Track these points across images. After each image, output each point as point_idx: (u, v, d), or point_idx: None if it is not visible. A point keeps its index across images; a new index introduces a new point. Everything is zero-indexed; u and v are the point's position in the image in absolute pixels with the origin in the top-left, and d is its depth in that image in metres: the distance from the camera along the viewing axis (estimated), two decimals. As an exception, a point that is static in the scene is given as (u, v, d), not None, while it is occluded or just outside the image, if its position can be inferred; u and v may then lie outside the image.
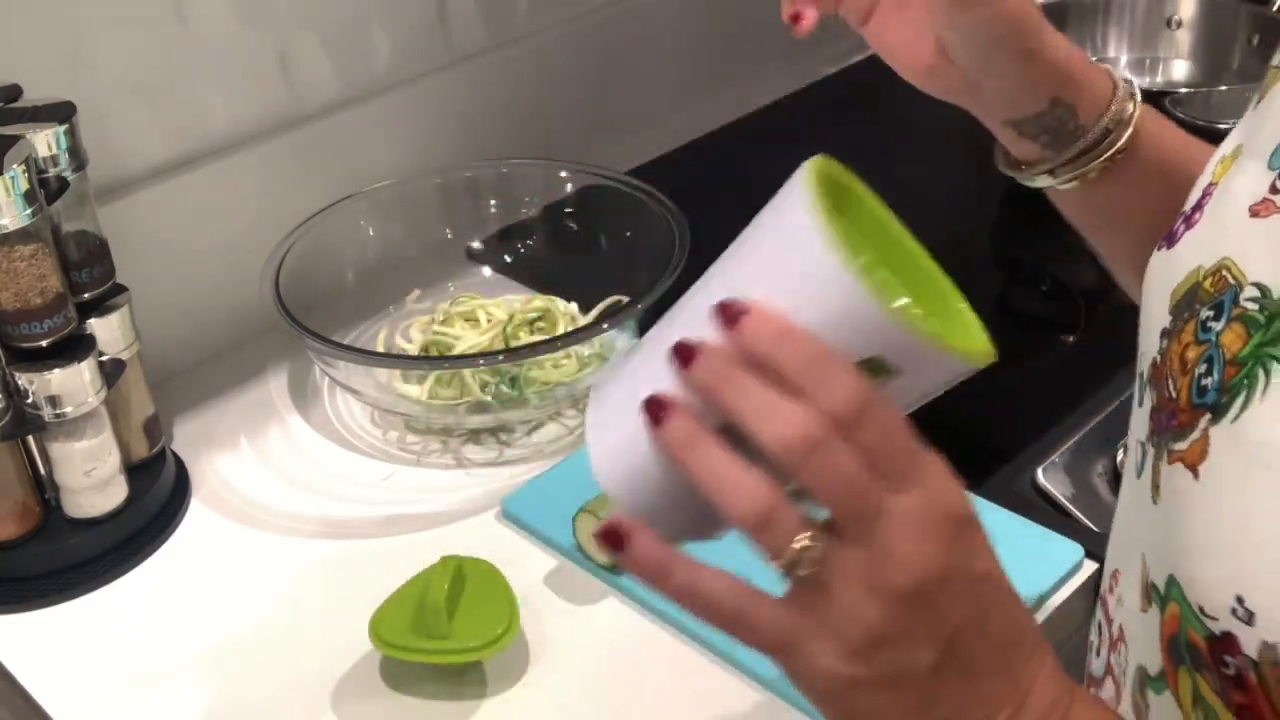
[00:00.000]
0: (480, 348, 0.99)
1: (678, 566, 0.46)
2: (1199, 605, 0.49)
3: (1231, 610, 0.48)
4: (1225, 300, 0.52)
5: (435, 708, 0.76)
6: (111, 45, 0.95)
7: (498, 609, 0.76)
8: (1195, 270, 0.55)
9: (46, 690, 0.79)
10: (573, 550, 0.85)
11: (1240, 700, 0.49)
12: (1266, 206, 0.52)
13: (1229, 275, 0.53)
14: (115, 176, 0.98)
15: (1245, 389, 0.49)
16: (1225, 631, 0.48)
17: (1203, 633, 0.50)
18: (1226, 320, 0.52)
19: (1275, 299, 0.50)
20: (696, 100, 1.39)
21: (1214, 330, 0.52)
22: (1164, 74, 1.36)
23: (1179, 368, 0.54)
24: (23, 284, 0.81)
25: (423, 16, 1.14)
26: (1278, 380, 0.48)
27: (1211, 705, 0.51)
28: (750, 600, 0.46)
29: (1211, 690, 0.50)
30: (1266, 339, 0.49)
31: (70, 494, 0.87)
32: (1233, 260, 0.53)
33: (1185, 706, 0.53)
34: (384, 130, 1.13)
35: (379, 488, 0.93)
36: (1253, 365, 0.50)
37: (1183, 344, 0.54)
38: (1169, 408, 0.54)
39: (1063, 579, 0.81)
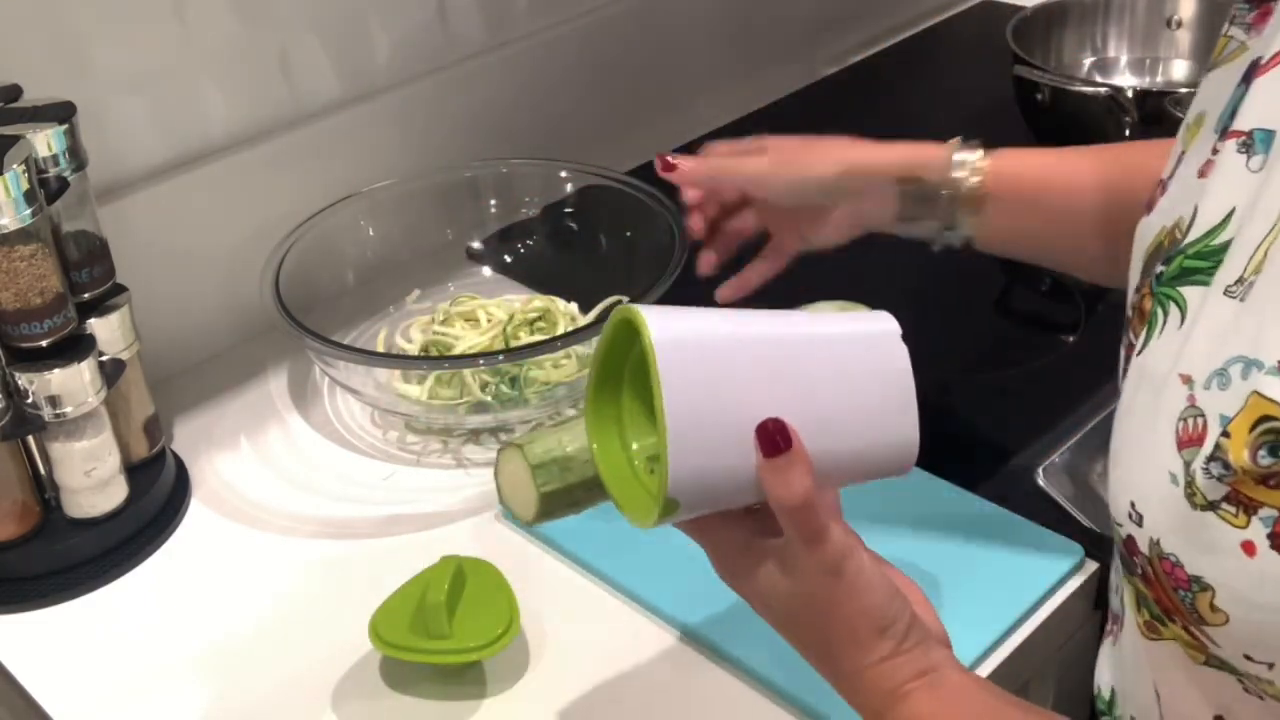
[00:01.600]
0: (480, 348, 0.99)
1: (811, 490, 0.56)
2: (1113, 515, 0.57)
3: (1128, 515, 0.55)
4: (1174, 254, 0.58)
5: (435, 708, 0.76)
6: (111, 45, 0.95)
7: (498, 609, 0.76)
8: (1160, 230, 0.61)
9: (46, 690, 0.79)
10: (572, 550, 0.85)
11: (1153, 594, 0.56)
12: (1208, 166, 0.58)
13: (1177, 231, 0.59)
14: (115, 176, 0.98)
15: (1148, 325, 0.58)
16: (1129, 534, 0.56)
17: (1119, 538, 0.57)
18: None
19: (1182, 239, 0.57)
20: (696, 101, 1.39)
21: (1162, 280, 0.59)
22: (1164, 74, 1.36)
23: (1139, 318, 0.61)
24: (23, 284, 0.81)
25: (423, 16, 1.14)
26: (1173, 319, 0.56)
27: (1150, 603, 0.58)
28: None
29: (1144, 588, 0.57)
30: (1168, 277, 0.57)
31: (70, 494, 0.87)
32: (1181, 218, 0.59)
33: (1134, 609, 0.62)
34: (384, 130, 1.13)
35: (379, 488, 0.93)
36: (1154, 304, 0.58)
37: (1142, 296, 0.61)
38: (1127, 353, 0.62)
39: (1063, 579, 0.81)
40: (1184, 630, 0.55)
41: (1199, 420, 0.52)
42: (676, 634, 0.79)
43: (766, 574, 0.59)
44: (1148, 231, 0.63)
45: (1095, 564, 0.82)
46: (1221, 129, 0.59)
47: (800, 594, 0.59)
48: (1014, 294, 1.11)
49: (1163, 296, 0.57)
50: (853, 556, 0.58)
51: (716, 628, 0.79)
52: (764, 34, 1.46)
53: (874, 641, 0.58)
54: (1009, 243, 0.85)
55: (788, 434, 0.56)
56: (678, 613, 0.80)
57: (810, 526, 0.56)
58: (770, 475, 0.56)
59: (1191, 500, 0.51)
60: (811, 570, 0.58)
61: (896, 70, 1.51)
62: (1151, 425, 0.54)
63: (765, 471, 0.56)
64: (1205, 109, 0.62)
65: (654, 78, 1.35)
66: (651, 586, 0.82)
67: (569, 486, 0.66)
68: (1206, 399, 0.51)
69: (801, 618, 0.60)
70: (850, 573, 0.57)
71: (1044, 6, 1.35)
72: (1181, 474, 0.52)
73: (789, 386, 0.57)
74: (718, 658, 0.78)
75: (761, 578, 0.60)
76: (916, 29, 1.59)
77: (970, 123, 0.85)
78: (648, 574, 0.82)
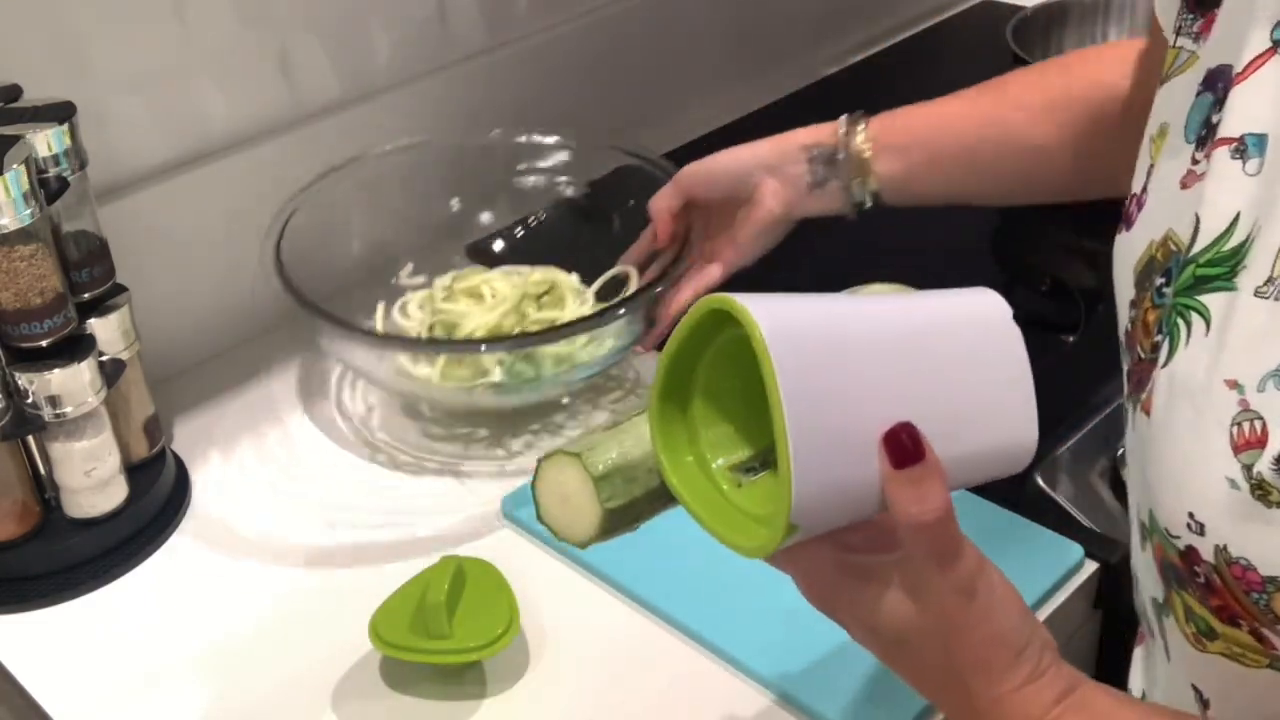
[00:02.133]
0: (489, 326, 0.96)
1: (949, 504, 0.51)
2: (1166, 528, 0.56)
3: (1187, 526, 0.54)
4: (1172, 266, 0.59)
5: (435, 708, 0.76)
6: (111, 45, 0.95)
7: (498, 609, 0.76)
8: (1149, 244, 0.62)
9: (46, 690, 0.79)
10: (572, 550, 0.84)
11: (1215, 602, 0.55)
12: (1190, 177, 0.59)
13: (1172, 244, 0.59)
14: (115, 176, 0.98)
15: (1170, 337, 0.57)
16: (1188, 546, 0.55)
17: (1175, 552, 0.56)
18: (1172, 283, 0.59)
19: (1185, 250, 0.57)
20: (696, 101, 1.39)
21: (1167, 294, 0.59)
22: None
23: (1143, 332, 0.61)
24: (23, 284, 0.81)
25: (423, 16, 1.14)
26: (1198, 328, 0.55)
27: (1200, 615, 0.57)
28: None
29: (1196, 601, 0.57)
30: (1179, 288, 0.57)
31: (70, 494, 0.87)
32: (1173, 230, 0.59)
33: (1181, 622, 0.60)
34: (384, 130, 1.13)
35: (379, 488, 0.93)
36: (1173, 315, 0.57)
37: (1144, 310, 0.61)
38: (1139, 367, 0.62)
39: (1063, 579, 0.81)
40: (1250, 634, 0.55)
41: (1257, 423, 0.51)
42: (677, 634, 0.79)
43: (878, 596, 0.53)
44: (1133, 246, 0.63)
45: (1095, 564, 0.82)
46: (1197, 139, 0.59)
47: (925, 620, 0.53)
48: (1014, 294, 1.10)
49: (1181, 307, 0.56)
50: (984, 574, 0.53)
51: (717, 628, 0.79)
52: (764, 34, 1.46)
53: (1011, 667, 0.53)
54: (912, 186, 0.90)
55: (920, 442, 0.50)
56: (678, 613, 0.80)
57: (945, 545, 0.51)
58: (900, 489, 0.50)
59: (1266, 500, 0.51)
60: (943, 592, 0.52)
61: (896, 70, 1.51)
62: (1198, 434, 0.53)
63: (894, 484, 0.50)
64: (1167, 120, 0.62)
65: (654, 78, 1.35)
66: (652, 586, 0.82)
67: (634, 501, 0.57)
68: (1262, 401, 0.51)
69: (924, 646, 0.54)
70: (983, 593, 0.52)
71: (1044, 6, 1.35)
72: (1242, 477, 0.51)
73: (913, 382, 0.51)
74: (718, 658, 0.78)
75: (870, 601, 0.53)
76: (916, 29, 1.59)
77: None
78: (648, 574, 0.82)
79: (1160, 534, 0.57)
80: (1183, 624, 0.60)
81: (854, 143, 0.89)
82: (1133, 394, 0.63)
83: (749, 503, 0.52)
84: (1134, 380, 0.63)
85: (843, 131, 0.90)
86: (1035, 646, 0.53)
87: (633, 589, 0.82)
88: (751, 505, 0.52)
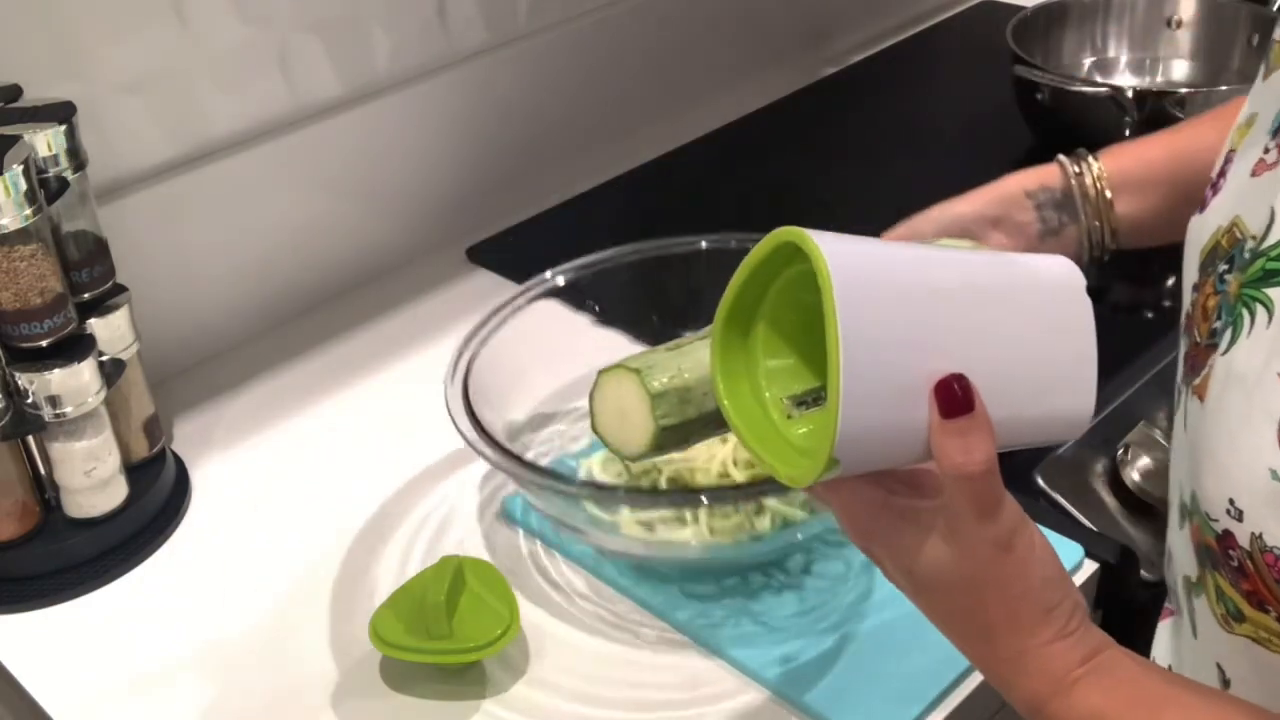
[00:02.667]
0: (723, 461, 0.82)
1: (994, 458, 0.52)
2: (1206, 511, 0.57)
3: (1226, 511, 0.55)
4: (1235, 254, 0.59)
5: (435, 708, 0.76)
6: (111, 45, 0.95)
7: (498, 609, 0.76)
8: (1217, 230, 0.62)
9: (46, 690, 0.79)
10: (573, 550, 0.84)
11: (1247, 587, 0.56)
12: (1260, 166, 0.60)
13: (1237, 231, 0.60)
14: (115, 176, 0.98)
15: (1232, 326, 0.57)
16: (1225, 530, 0.56)
17: (1212, 535, 0.57)
18: (1235, 270, 0.59)
19: (1256, 242, 0.57)
20: (697, 100, 1.39)
21: (1228, 281, 0.59)
22: (1164, 74, 1.36)
23: (1201, 316, 0.62)
24: (23, 284, 0.81)
25: (423, 16, 1.14)
26: (1260, 320, 0.55)
27: (1230, 598, 0.59)
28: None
29: (1228, 584, 0.58)
30: (1248, 279, 0.57)
31: (70, 494, 0.87)
32: (1240, 218, 0.60)
33: (1212, 602, 0.61)
34: (384, 130, 1.13)
35: (379, 487, 0.93)
36: (1238, 305, 0.57)
37: (1205, 295, 0.62)
38: (1194, 351, 0.62)
39: (1063, 579, 0.81)
40: (1277, 621, 0.56)
41: None
42: (677, 634, 0.79)
43: (917, 540, 0.54)
44: (1202, 229, 0.64)
45: (1095, 564, 0.82)
46: (1275, 129, 0.60)
47: (962, 567, 0.53)
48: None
49: (1248, 298, 0.57)
50: (1023, 530, 0.53)
51: (718, 628, 0.79)
52: (764, 34, 1.46)
53: (1039, 623, 0.54)
54: (1151, 225, 0.83)
55: (970, 392, 0.50)
56: (678, 613, 0.80)
57: (986, 498, 0.52)
58: (947, 439, 0.51)
59: None
60: (981, 544, 0.52)
61: (896, 70, 1.51)
62: (1247, 424, 0.54)
63: (942, 434, 0.51)
64: (1258, 110, 0.63)
65: (654, 78, 1.35)
66: (652, 586, 0.82)
67: (686, 422, 0.59)
68: None
69: (956, 592, 0.54)
70: (1021, 548, 0.53)
71: (1044, 6, 1.35)
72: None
73: (968, 338, 0.51)
74: (719, 658, 0.78)
75: (909, 543, 0.54)
76: (916, 29, 1.59)
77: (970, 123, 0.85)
78: (648, 574, 0.82)
79: (1200, 516, 0.58)
80: (1213, 604, 0.61)
81: (1087, 182, 0.83)
82: (1187, 377, 0.63)
83: (796, 434, 0.53)
84: (1189, 364, 0.63)
85: (1073, 171, 0.83)
86: (1066, 606, 0.54)
87: (633, 589, 0.82)
88: (798, 437, 0.53)
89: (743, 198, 1.26)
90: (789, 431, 0.54)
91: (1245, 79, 1.27)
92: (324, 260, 1.12)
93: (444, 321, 1.09)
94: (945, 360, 0.50)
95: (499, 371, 0.87)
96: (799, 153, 1.34)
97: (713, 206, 1.25)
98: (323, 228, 1.11)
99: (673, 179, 1.30)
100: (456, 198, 1.20)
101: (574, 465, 0.89)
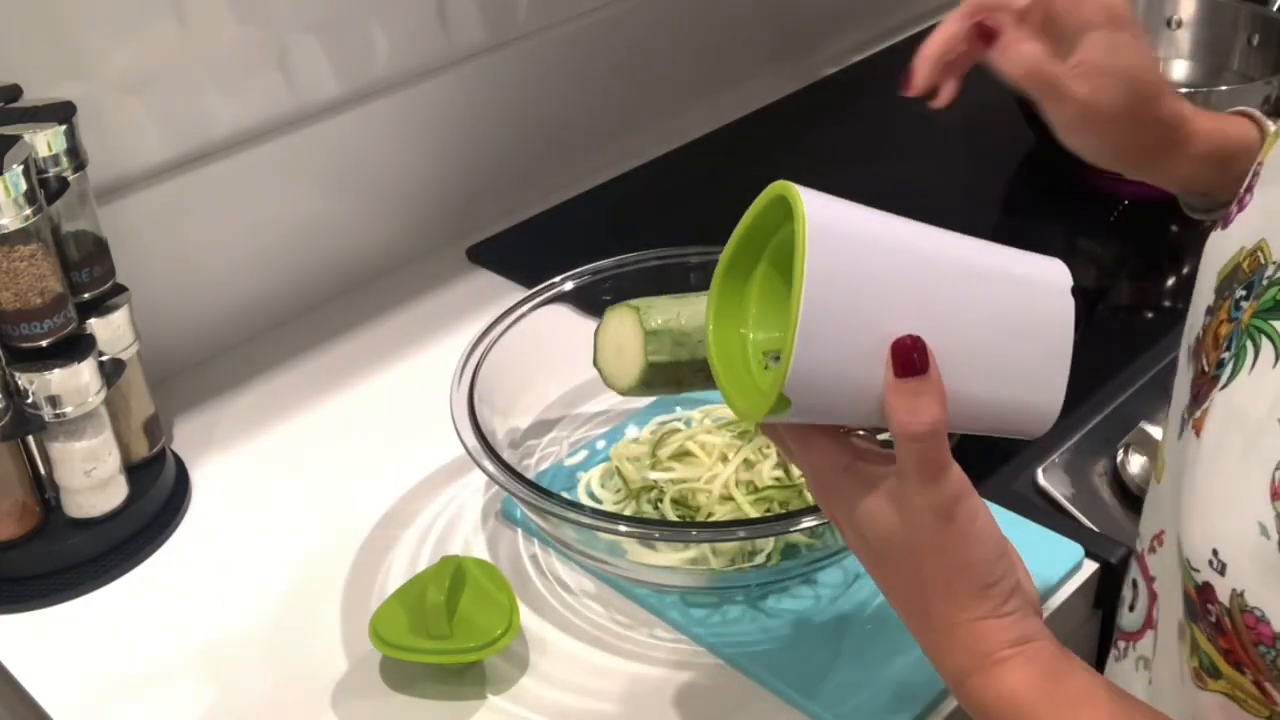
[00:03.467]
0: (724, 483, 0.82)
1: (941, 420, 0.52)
2: (1187, 559, 0.53)
3: (1209, 562, 0.52)
4: (1255, 279, 0.56)
5: (435, 708, 0.76)
6: (111, 45, 0.95)
7: (498, 609, 0.76)
8: (1239, 251, 0.58)
9: (46, 690, 0.79)
10: (572, 551, 0.84)
11: (1224, 645, 0.53)
12: None
13: (1261, 255, 0.56)
14: (115, 176, 0.98)
15: (1236, 359, 0.54)
16: (1205, 582, 0.52)
17: (1192, 584, 0.53)
18: (1252, 298, 0.55)
19: (1276, 269, 0.54)
20: (697, 100, 1.39)
21: (1242, 309, 0.56)
22: (1164, 74, 1.36)
23: (1212, 343, 0.58)
24: (23, 284, 0.81)
25: (422, 16, 1.14)
26: (1265, 353, 0.52)
27: (1206, 652, 0.55)
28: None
29: (1204, 638, 0.54)
30: (1260, 308, 0.53)
31: (70, 494, 0.87)
32: (1266, 240, 0.56)
33: (1185, 654, 0.58)
34: (384, 130, 1.13)
35: (379, 487, 0.93)
36: (1243, 336, 0.54)
37: (1219, 321, 0.58)
38: (1200, 380, 0.59)
39: (1063, 579, 0.81)
40: (1254, 684, 0.53)
41: None
42: (677, 634, 0.79)
43: (870, 503, 0.55)
44: (1224, 247, 0.60)
45: (1095, 564, 0.82)
46: None
47: (904, 532, 0.54)
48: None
49: (1254, 330, 0.53)
50: (966, 501, 0.54)
51: (718, 629, 0.79)
52: (764, 34, 1.46)
53: (973, 598, 0.54)
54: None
55: (925, 355, 0.51)
56: (678, 613, 0.80)
57: (931, 460, 0.52)
58: (898, 397, 0.52)
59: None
60: (921, 509, 0.53)
61: (896, 70, 1.51)
62: (1243, 470, 0.51)
63: (893, 392, 0.52)
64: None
65: (654, 78, 1.35)
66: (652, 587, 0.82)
67: (677, 363, 0.61)
68: None
69: (899, 557, 0.55)
70: (962, 519, 0.54)
71: (1044, 6, 1.34)
72: (1274, 526, 0.49)
73: (939, 309, 0.52)
74: (718, 657, 0.78)
75: (862, 506, 0.55)
76: (916, 29, 1.59)
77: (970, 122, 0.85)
78: (648, 574, 0.82)
79: (1182, 562, 0.55)
80: (1189, 655, 0.58)
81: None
82: (1190, 407, 0.59)
83: (764, 380, 0.55)
84: (1193, 392, 0.60)
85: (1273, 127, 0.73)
86: (1004, 586, 0.55)
87: (633, 589, 0.82)
88: (764, 382, 0.55)
89: (743, 198, 1.25)
90: (759, 378, 0.56)
91: (1245, 79, 1.27)
92: (324, 260, 1.12)
93: (444, 321, 1.09)
94: (909, 323, 0.51)
95: (505, 376, 0.87)
96: (799, 153, 1.34)
97: (713, 206, 1.24)
98: (323, 227, 1.11)
99: (672, 179, 1.30)
100: (456, 198, 1.20)
101: (571, 474, 0.89)
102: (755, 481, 0.82)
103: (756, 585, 0.80)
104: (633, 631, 0.80)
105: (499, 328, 0.89)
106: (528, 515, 0.85)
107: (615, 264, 0.94)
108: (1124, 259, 1.16)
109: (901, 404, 0.52)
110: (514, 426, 0.90)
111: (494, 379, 0.86)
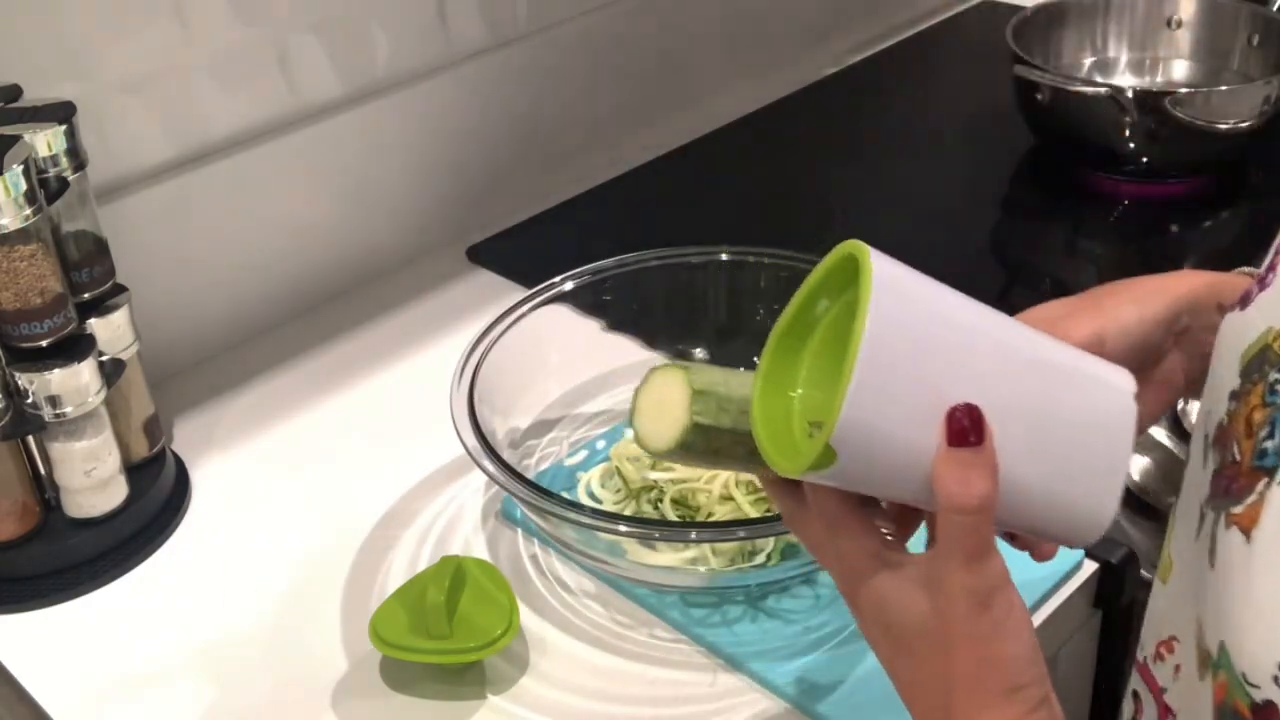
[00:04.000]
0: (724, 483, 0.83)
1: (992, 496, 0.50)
2: (1243, 672, 0.49)
3: (1274, 678, 0.47)
4: None
5: (435, 708, 0.76)
6: (111, 45, 0.95)
7: (498, 609, 0.76)
8: (1266, 332, 0.54)
9: (46, 690, 0.79)
10: (572, 551, 0.84)
11: None
12: None
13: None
14: (115, 176, 0.98)
15: None
16: (1267, 700, 0.48)
17: (1247, 701, 0.49)
18: None
19: None
20: (696, 101, 1.39)
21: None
22: (1164, 74, 1.36)
23: (1244, 430, 0.54)
24: (23, 284, 0.81)
25: (422, 16, 1.14)
26: None
27: None
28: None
29: None
30: None
31: (70, 494, 0.87)
32: None
33: None
34: (384, 130, 1.13)
35: (379, 487, 0.93)
36: None
37: (1250, 406, 0.54)
38: (1231, 471, 0.54)
39: (1063, 579, 0.81)
40: None
41: None
42: (677, 634, 0.79)
43: (900, 589, 0.52)
44: (1245, 329, 0.56)
45: (1095, 564, 0.82)
46: None
47: (935, 619, 0.51)
48: (1014, 294, 1.11)
49: None
50: (1005, 592, 0.51)
51: (718, 629, 0.79)
52: (765, 34, 1.46)
53: (1000, 697, 0.51)
54: None
55: (982, 427, 0.49)
56: (678, 613, 0.80)
57: (975, 539, 0.50)
58: (949, 467, 0.49)
59: None
60: (957, 592, 0.51)
61: (896, 70, 1.51)
62: None
63: (945, 462, 0.49)
64: None
65: (654, 78, 1.35)
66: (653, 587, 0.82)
67: (719, 429, 0.59)
68: None
69: (925, 648, 0.52)
70: (998, 609, 0.51)
71: (1044, 6, 1.35)
72: None
73: (1000, 389, 0.51)
74: (719, 657, 0.78)
75: (893, 593, 0.53)
76: (916, 29, 1.59)
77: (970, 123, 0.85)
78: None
79: (1231, 675, 0.50)
80: None
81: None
82: (1216, 500, 0.54)
83: (806, 445, 0.53)
84: (1220, 484, 0.55)
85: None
86: (1033, 694, 0.52)
87: (632, 589, 0.82)
88: (806, 446, 0.53)
89: (743, 198, 1.26)
90: (801, 443, 0.54)
91: (1245, 79, 1.27)
92: (324, 260, 1.12)
93: (444, 321, 1.09)
94: (969, 394, 0.50)
95: (505, 376, 0.87)
96: (800, 153, 1.34)
97: (713, 206, 1.25)
98: (323, 227, 1.11)
99: (673, 179, 1.30)
100: (456, 198, 1.20)
101: (571, 474, 0.89)
102: (755, 481, 0.82)
103: (756, 585, 0.80)
104: (633, 631, 0.80)
105: (499, 328, 0.89)
106: (528, 515, 0.85)
107: (615, 264, 0.94)
108: (1124, 259, 1.16)
109: (952, 474, 0.49)
110: (514, 426, 0.90)
111: (494, 379, 0.86)
